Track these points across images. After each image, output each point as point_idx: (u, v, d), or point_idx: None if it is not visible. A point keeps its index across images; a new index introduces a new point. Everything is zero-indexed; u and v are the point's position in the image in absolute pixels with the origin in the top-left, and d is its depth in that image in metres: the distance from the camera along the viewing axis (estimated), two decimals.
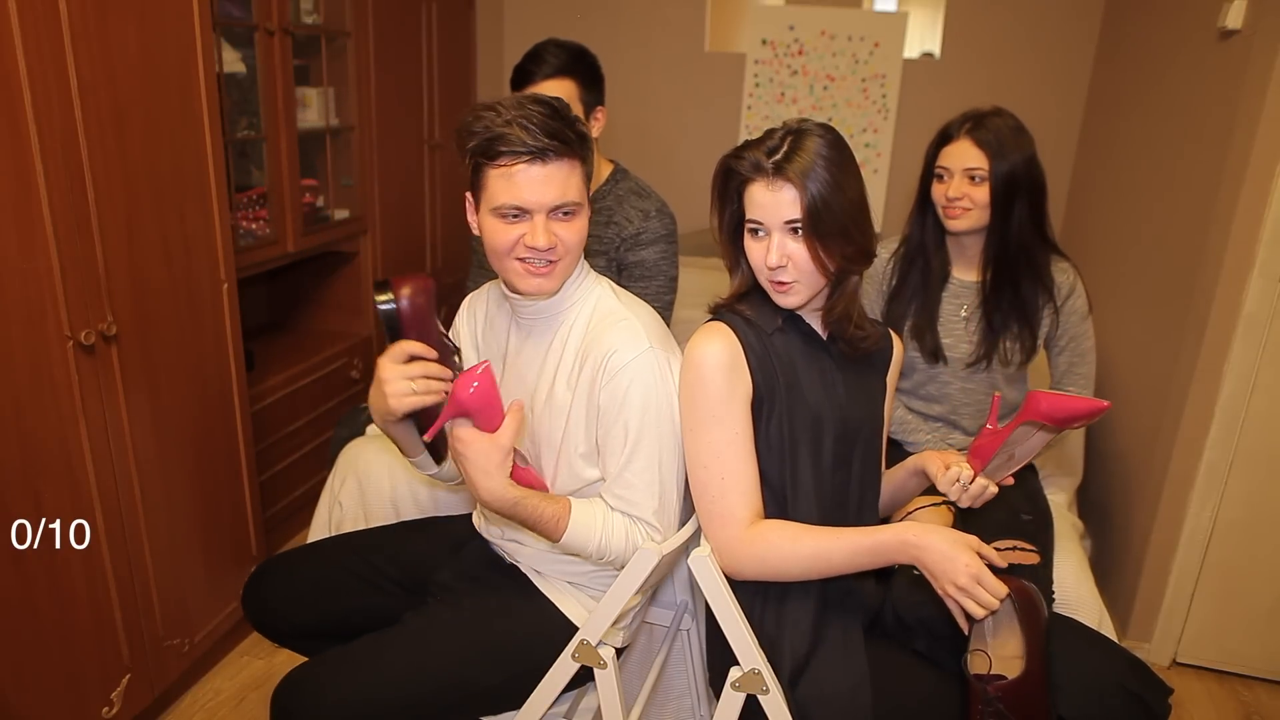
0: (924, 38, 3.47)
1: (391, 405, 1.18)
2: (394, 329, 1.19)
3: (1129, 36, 2.82)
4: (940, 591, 1.12)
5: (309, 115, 2.46)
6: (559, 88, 1.77)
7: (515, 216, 1.21)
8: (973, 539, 1.13)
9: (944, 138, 1.68)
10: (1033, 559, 1.58)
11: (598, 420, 1.26)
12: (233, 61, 2.16)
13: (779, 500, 1.25)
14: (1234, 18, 1.95)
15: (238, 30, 2.15)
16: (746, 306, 1.27)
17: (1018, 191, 1.63)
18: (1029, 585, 1.19)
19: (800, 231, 1.17)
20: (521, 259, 1.23)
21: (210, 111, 1.75)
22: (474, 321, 1.47)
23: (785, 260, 1.19)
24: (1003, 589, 1.09)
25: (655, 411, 1.23)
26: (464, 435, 1.17)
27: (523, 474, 1.26)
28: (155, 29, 1.58)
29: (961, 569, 1.09)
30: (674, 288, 1.90)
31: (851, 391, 1.31)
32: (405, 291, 1.17)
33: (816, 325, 1.31)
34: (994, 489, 1.27)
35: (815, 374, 1.28)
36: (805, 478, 1.25)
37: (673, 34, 3.53)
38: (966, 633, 1.16)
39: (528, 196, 1.19)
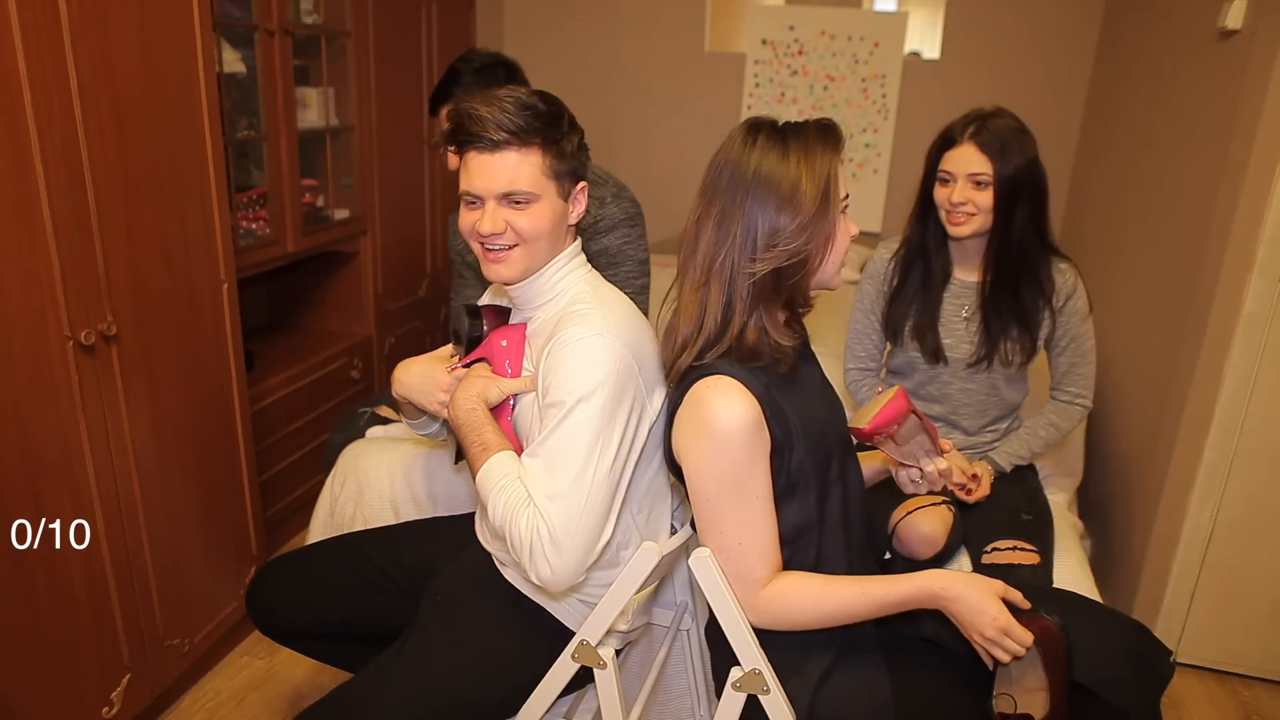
0: (924, 38, 3.47)
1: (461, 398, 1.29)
2: (470, 347, 1.38)
3: (1129, 36, 2.82)
4: (967, 636, 1.13)
5: (309, 115, 2.46)
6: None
7: (473, 202, 1.25)
8: (998, 584, 1.13)
9: (947, 141, 1.67)
10: (1033, 559, 1.58)
11: (542, 398, 1.23)
12: (233, 61, 2.16)
13: (809, 526, 1.22)
14: (1234, 18, 1.95)
15: (238, 30, 2.15)
16: (739, 349, 1.16)
17: (1020, 195, 1.62)
18: (1054, 630, 1.14)
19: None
20: (481, 243, 1.27)
21: (210, 111, 1.75)
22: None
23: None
24: (1028, 638, 1.09)
25: (586, 393, 1.16)
26: (476, 367, 1.32)
27: (505, 426, 1.31)
28: (155, 29, 1.58)
29: (989, 623, 1.09)
30: (644, 271, 1.86)
31: (823, 383, 1.31)
32: (490, 324, 1.38)
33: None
34: (944, 465, 1.30)
35: (812, 384, 1.27)
36: (830, 502, 1.23)
37: (673, 34, 3.53)
38: (991, 669, 1.16)
39: (477, 183, 1.23)
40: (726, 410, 1.10)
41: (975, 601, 1.10)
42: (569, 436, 1.16)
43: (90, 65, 1.44)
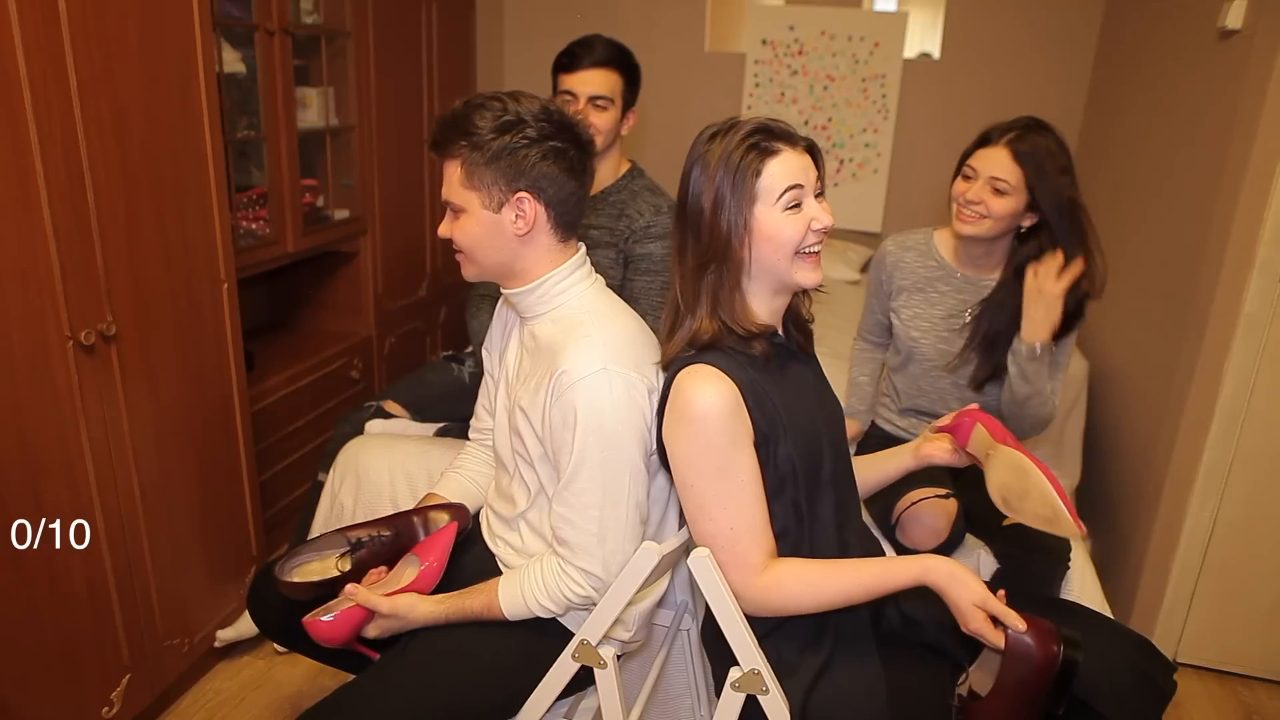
0: (924, 38, 3.47)
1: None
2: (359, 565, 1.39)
3: (1129, 36, 2.82)
4: None
5: (309, 115, 2.46)
6: (601, 78, 1.90)
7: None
8: (976, 588, 1.10)
9: (982, 140, 1.65)
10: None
11: (550, 436, 1.24)
12: (233, 61, 2.16)
13: (799, 524, 1.22)
14: (1234, 18, 1.95)
15: (238, 30, 2.15)
16: (721, 336, 1.19)
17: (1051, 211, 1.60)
18: (1036, 642, 1.09)
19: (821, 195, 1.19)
20: None
21: (210, 111, 1.75)
22: (502, 312, 1.49)
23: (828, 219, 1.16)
24: (1000, 640, 1.09)
25: (598, 434, 1.18)
26: (393, 603, 1.28)
27: (426, 574, 1.35)
28: (155, 29, 1.58)
29: (967, 622, 1.10)
30: None
31: (821, 387, 1.31)
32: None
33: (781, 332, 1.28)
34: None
35: (805, 384, 1.26)
36: (819, 495, 1.23)
37: (673, 34, 3.53)
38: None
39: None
40: (702, 394, 1.12)
41: (955, 602, 1.11)
42: (589, 478, 1.20)
43: (90, 65, 1.44)
